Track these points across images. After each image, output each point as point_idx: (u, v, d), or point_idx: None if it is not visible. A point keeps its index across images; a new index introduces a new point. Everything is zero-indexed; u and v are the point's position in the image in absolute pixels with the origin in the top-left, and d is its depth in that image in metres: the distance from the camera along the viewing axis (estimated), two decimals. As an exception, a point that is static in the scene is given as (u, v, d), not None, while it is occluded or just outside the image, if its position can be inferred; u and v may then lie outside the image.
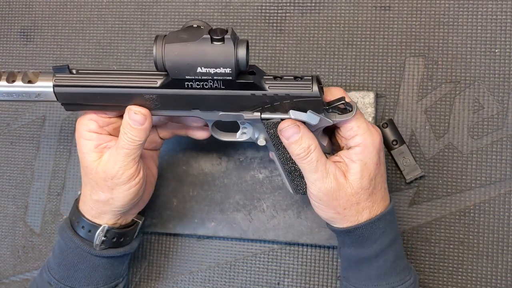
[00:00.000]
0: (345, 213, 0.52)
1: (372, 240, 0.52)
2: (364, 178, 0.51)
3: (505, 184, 0.62)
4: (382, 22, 0.65)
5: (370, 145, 0.51)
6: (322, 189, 0.51)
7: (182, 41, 0.47)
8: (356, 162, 0.51)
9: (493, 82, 0.63)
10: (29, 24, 0.76)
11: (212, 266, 0.68)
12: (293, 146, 0.51)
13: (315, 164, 0.51)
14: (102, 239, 0.56)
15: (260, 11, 0.69)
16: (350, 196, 0.51)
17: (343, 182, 0.51)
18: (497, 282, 0.61)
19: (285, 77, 0.51)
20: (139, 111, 0.52)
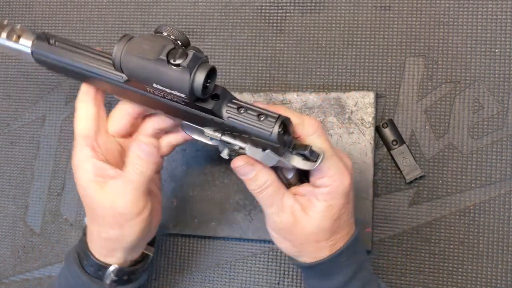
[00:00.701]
0: (302, 248, 0.49)
1: (335, 273, 0.50)
2: (326, 219, 0.48)
3: (505, 184, 0.62)
4: (382, 22, 0.65)
5: (339, 187, 0.48)
6: (277, 222, 0.49)
7: (140, 54, 0.45)
8: (321, 202, 0.48)
9: (493, 82, 0.63)
10: (29, 24, 0.76)
11: (212, 266, 0.68)
12: (248, 182, 0.49)
13: (270, 199, 0.49)
14: (113, 279, 0.52)
15: (260, 11, 0.69)
16: (308, 234, 0.48)
17: (300, 218, 0.48)
18: (497, 282, 0.61)
19: (250, 112, 0.46)
20: (150, 142, 0.50)
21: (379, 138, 0.64)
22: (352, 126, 0.63)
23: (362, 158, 0.63)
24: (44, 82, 0.75)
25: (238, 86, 0.69)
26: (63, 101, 0.74)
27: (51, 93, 0.74)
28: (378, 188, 0.64)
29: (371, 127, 0.63)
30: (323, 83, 0.66)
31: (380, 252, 0.64)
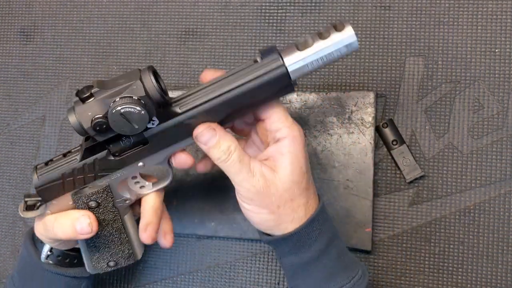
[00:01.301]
0: (279, 212, 0.49)
1: (310, 242, 0.50)
2: (296, 171, 0.49)
3: (505, 184, 0.62)
4: (382, 22, 0.65)
5: (298, 136, 0.49)
6: (250, 189, 0.48)
7: None
8: (286, 155, 0.48)
9: (493, 82, 0.63)
10: (29, 24, 0.76)
11: (212, 266, 0.68)
12: (212, 151, 0.49)
13: (238, 165, 0.48)
14: (48, 254, 0.55)
15: (260, 11, 0.69)
16: (282, 192, 0.48)
17: (272, 178, 0.48)
18: (497, 282, 0.61)
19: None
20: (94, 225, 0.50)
21: (379, 138, 0.64)
22: (352, 126, 0.63)
23: (362, 158, 0.63)
24: (44, 82, 0.75)
25: (238, 86, 0.69)
26: (63, 101, 0.74)
27: (51, 93, 0.74)
28: (378, 188, 0.64)
29: (371, 127, 0.63)
30: (323, 83, 0.66)
31: (380, 252, 0.64)
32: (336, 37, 0.46)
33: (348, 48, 0.46)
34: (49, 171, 0.50)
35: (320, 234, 0.50)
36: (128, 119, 0.45)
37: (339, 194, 0.63)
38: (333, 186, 0.63)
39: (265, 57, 0.47)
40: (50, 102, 0.74)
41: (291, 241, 0.50)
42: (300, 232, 0.50)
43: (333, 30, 0.46)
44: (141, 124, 0.46)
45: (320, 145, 0.64)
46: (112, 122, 0.45)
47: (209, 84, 0.48)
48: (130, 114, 0.44)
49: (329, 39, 0.46)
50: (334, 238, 0.52)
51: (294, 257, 0.51)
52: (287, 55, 0.47)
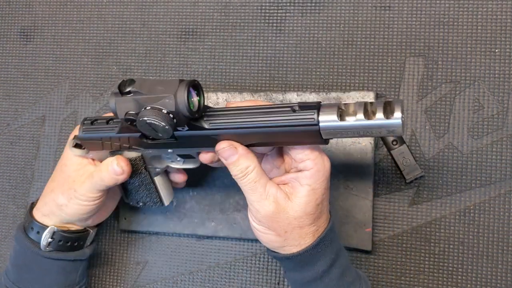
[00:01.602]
0: (286, 236, 0.50)
1: (313, 262, 0.51)
2: (311, 203, 0.49)
3: (505, 184, 0.62)
4: (382, 22, 0.65)
5: (321, 170, 0.49)
6: (260, 210, 0.49)
7: None
8: (304, 187, 0.49)
9: (493, 82, 0.63)
10: (29, 24, 0.76)
11: (212, 266, 0.68)
12: (230, 167, 0.50)
13: (253, 185, 0.49)
14: (49, 241, 0.58)
15: (260, 11, 0.69)
16: (292, 219, 0.49)
17: (284, 205, 0.49)
18: (497, 282, 0.61)
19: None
20: (121, 166, 0.55)
21: (379, 138, 0.64)
22: (352, 126, 0.63)
23: (362, 158, 0.63)
24: (44, 82, 0.75)
25: (238, 86, 0.69)
26: (63, 101, 0.74)
27: (51, 93, 0.74)
28: (378, 188, 0.64)
29: (371, 127, 0.63)
30: (323, 83, 0.66)
31: (380, 252, 0.64)
32: (380, 121, 0.43)
33: (390, 133, 0.44)
34: (91, 131, 0.56)
35: (324, 255, 0.51)
36: (154, 128, 0.48)
37: (339, 194, 0.63)
38: (333, 186, 0.63)
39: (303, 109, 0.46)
40: (50, 102, 0.74)
41: (295, 260, 0.51)
42: (303, 254, 0.50)
43: (381, 109, 0.43)
44: (164, 134, 0.49)
45: (320, 145, 0.64)
46: (139, 126, 0.48)
47: (241, 110, 0.49)
48: (155, 126, 0.47)
49: (373, 120, 0.44)
50: (337, 258, 0.52)
51: (298, 274, 0.52)
52: (324, 116, 0.45)
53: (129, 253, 0.70)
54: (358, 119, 0.44)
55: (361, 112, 0.44)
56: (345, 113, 0.45)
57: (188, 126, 0.50)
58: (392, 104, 0.43)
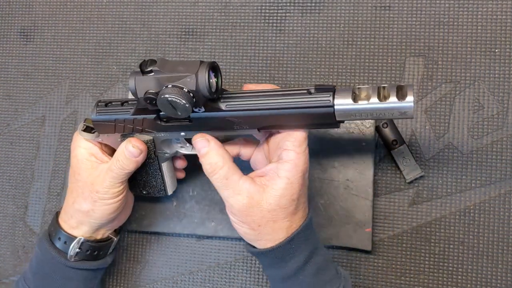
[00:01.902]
0: (260, 230, 0.51)
1: (287, 259, 0.51)
2: (286, 197, 0.50)
3: (505, 184, 0.62)
4: (382, 22, 0.65)
5: (300, 165, 0.50)
6: (234, 205, 0.51)
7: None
8: (282, 179, 0.50)
9: (493, 82, 0.63)
10: (29, 24, 0.76)
11: (212, 266, 0.68)
12: (202, 161, 0.52)
13: (224, 182, 0.50)
14: (77, 251, 0.58)
15: (260, 11, 0.69)
16: (265, 212, 0.50)
17: (258, 199, 0.50)
18: (497, 282, 0.61)
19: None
20: (137, 146, 0.55)
21: (379, 138, 0.64)
22: (352, 126, 0.63)
23: (362, 158, 0.63)
24: (44, 82, 0.75)
25: (238, 86, 0.69)
26: (63, 101, 0.74)
27: (51, 93, 0.74)
28: (378, 188, 0.64)
29: (371, 127, 0.63)
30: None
31: (380, 252, 0.64)
32: (393, 103, 0.46)
33: (402, 115, 0.46)
34: (106, 113, 0.56)
35: (298, 252, 0.51)
36: (174, 106, 0.49)
37: (339, 194, 0.63)
38: (333, 186, 0.63)
39: (319, 92, 0.48)
40: (50, 102, 0.74)
41: (269, 256, 0.52)
42: (276, 250, 0.51)
43: (394, 92, 0.46)
44: (184, 113, 0.49)
45: (320, 145, 0.64)
46: (160, 103, 0.49)
47: (258, 93, 0.50)
48: (175, 103, 0.48)
49: (386, 103, 0.46)
50: (313, 255, 0.52)
51: (274, 271, 0.53)
52: (339, 98, 0.47)
53: (129, 253, 0.70)
54: (372, 102, 0.46)
55: (375, 95, 0.46)
56: (358, 96, 0.47)
57: (205, 107, 0.51)
58: (404, 88, 0.46)
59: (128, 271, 0.70)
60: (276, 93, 0.50)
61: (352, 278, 0.64)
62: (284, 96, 0.49)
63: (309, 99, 0.48)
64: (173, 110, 0.49)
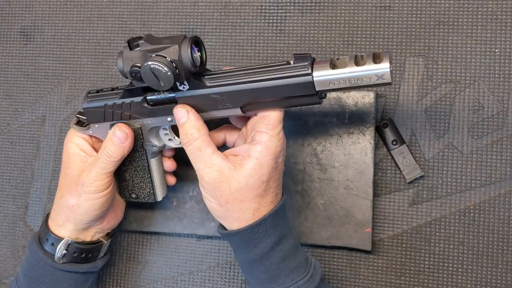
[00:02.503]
0: (227, 207, 0.52)
1: (254, 244, 0.52)
2: (254, 177, 0.50)
3: (505, 184, 0.62)
4: (382, 22, 0.65)
5: (272, 147, 0.51)
6: (204, 177, 0.52)
7: None
8: (252, 159, 0.51)
9: (493, 82, 0.63)
10: (29, 24, 0.76)
11: (212, 266, 0.68)
12: (180, 130, 0.53)
13: (198, 153, 0.52)
14: (64, 253, 0.58)
15: (260, 11, 0.69)
16: (234, 190, 0.51)
17: (228, 175, 0.51)
18: (497, 282, 0.61)
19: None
20: (124, 130, 0.56)
21: (379, 138, 0.64)
22: (352, 126, 0.63)
23: (362, 158, 0.63)
24: (44, 82, 0.75)
25: (238, 86, 0.69)
26: (63, 101, 0.74)
27: (51, 93, 0.74)
28: (378, 188, 0.64)
29: (371, 127, 0.63)
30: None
31: (380, 252, 0.64)
32: (370, 67, 0.47)
33: (379, 80, 0.47)
34: (96, 99, 0.57)
35: (265, 237, 0.52)
36: (157, 75, 0.49)
37: (339, 194, 0.63)
38: (333, 186, 0.63)
39: (297, 62, 0.49)
40: (50, 102, 0.74)
41: (236, 238, 0.53)
42: (243, 232, 0.52)
43: (370, 59, 0.47)
44: (166, 83, 0.50)
45: (320, 145, 0.64)
46: (143, 73, 0.50)
47: (240, 69, 0.52)
48: (158, 72, 0.49)
49: (362, 67, 0.47)
50: (280, 243, 0.53)
51: (241, 255, 0.54)
52: (317, 68, 0.49)
53: (129, 253, 0.70)
54: (349, 68, 0.47)
55: (351, 62, 0.47)
56: (336, 64, 0.48)
57: (190, 84, 0.52)
58: (380, 54, 0.47)
59: (128, 271, 0.70)
60: (258, 68, 0.51)
61: (352, 278, 0.64)
62: (265, 69, 0.50)
63: (288, 69, 0.49)
64: (156, 80, 0.50)
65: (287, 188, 0.64)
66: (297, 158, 0.64)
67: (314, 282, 0.53)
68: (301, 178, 0.64)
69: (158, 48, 0.50)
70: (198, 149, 0.52)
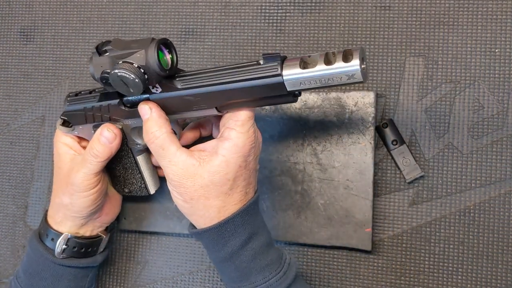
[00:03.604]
0: (192, 203, 0.51)
1: (222, 242, 0.52)
2: (220, 173, 0.50)
3: (505, 184, 0.62)
4: (382, 22, 0.65)
5: (239, 145, 0.50)
6: (169, 174, 0.51)
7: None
8: (219, 156, 0.50)
9: (493, 82, 0.63)
10: (29, 24, 0.76)
11: (212, 266, 0.68)
12: (143, 126, 0.52)
13: (161, 151, 0.51)
14: (63, 248, 0.58)
15: (260, 11, 0.69)
16: (198, 187, 0.50)
17: (193, 171, 0.50)
18: (497, 282, 0.61)
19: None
20: (112, 130, 0.56)
21: (379, 138, 0.64)
22: (352, 126, 0.63)
23: (362, 158, 0.63)
24: (44, 82, 0.75)
25: (238, 86, 0.69)
26: (63, 101, 0.74)
27: (51, 93, 0.74)
28: (378, 188, 0.64)
29: (371, 127, 0.63)
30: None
31: (380, 252, 0.64)
32: (339, 66, 0.45)
33: (351, 80, 0.45)
34: (76, 102, 0.58)
35: (233, 237, 0.51)
36: (125, 82, 0.49)
37: (339, 194, 0.63)
38: (333, 186, 0.63)
39: (266, 62, 0.48)
40: (50, 102, 0.74)
41: (204, 238, 0.53)
42: (209, 231, 0.52)
43: (340, 57, 0.45)
44: (136, 89, 0.49)
45: (320, 145, 0.64)
46: (112, 81, 0.49)
47: (212, 70, 0.51)
48: (126, 79, 0.49)
49: (332, 66, 0.45)
50: (250, 241, 0.52)
51: (211, 253, 0.54)
52: (287, 67, 0.47)
53: (129, 253, 0.70)
54: (318, 67, 0.45)
55: (322, 60, 0.45)
56: (307, 64, 0.46)
57: (162, 87, 0.51)
58: (351, 51, 0.45)
59: (128, 271, 0.70)
60: (229, 68, 0.50)
61: (352, 278, 0.64)
62: (236, 69, 0.49)
63: (258, 70, 0.48)
64: (125, 87, 0.49)
65: (287, 188, 0.64)
66: (297, 158, 0.64)
67: (287, 279, 0.52)
68: (301, 178, 0.64)
69: (125, 54, 0.49)
70: (161, 147, 0.51)
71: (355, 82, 0.46)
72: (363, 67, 0.45)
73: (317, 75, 0.46)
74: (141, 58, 0.48)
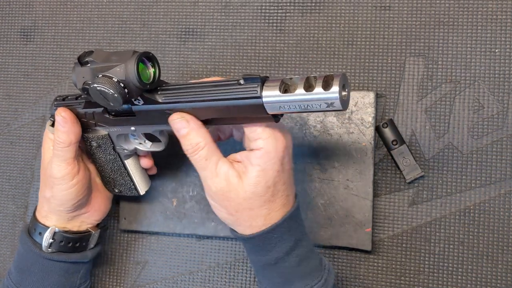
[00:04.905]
0: (237, 215, 0.50)
1: (268, 248, 0.51)
2: (260, 184, 0.49)
3: (505, 184, 0.62)
4: (382, 22, 0.65)
5: (272, 151, 0.48)
6: (211, 187, 0.50)
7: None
8: (254, 166, 0.49)
9: (493, 82, 0.63)
10: (29, 24, 0.76)
11: (212, 266, 0.68)
12: (182, 141, 0.51)
13: (204, 162, 0.50)
14: (50, 241, 0.58)
15: (260, 11, 0.69)
16: (241, 200, 0.49)
17: (235, 184, 0.49)
18: (497, 282, 0.61)
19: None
20: (60, 113, 0.56)
21: (379, 138, 0.64)
22: (352, 126, 0.63)
23: (362, 158, 0.63)
24: (44, 82, 0.75)
25: (238, 86, 0.69)
26: (63, 101, 0.74)
27: (51, 93, 0.74)
28: (378, 188, 0.64)
29: (371, 127, 0.63)
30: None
31: (380, 252, 0.64)
32: (318, 92, 0.43)
33: (330, 107, 0.43)
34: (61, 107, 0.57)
35: (280, 242, 0.51)
36: (104, 96, 0.49)
37: (339, 194, 0.63)
38: (333, 186, 0.63)
39: (246, 83, 0.46)
40: (50, 102, 0.74)
41: (251, 242, 0.52)
42: (256, 239, 0.51)
43: (319, 84, 0.43)
44: (115, 103, 0.49)
45: (320, 145, 0.64)
46: (92, 94, 0.49)
47: (193, 86, 0.49)
48: (105, 94, 0.48)
49: (311, 92, 0.43)
50: (296, 247, 0.52)
51: (255, 257, 0.53)
52: (267, 89, 0.45)
53: (129, 253, 0.71)
54: (297, 93, 0.44)
55: (301, 86, 0.44)
56: (288, 87, 0.45)
57: (144, 99, 0.51)
58: (331, 78, 0.43)
59: (128, 271, 0.70)
60: (211, 85, 0.48)
61: (352, 278, 0.64)
62: (216, 87, 0.47)
63: (238, 90, 0.46)
64: (105, 100, 0.49)
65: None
66: (297, 158, 0.64)
67: (328, 286, 0.52)
68: (301, 178, 0.64)
69: (105, 67, 0.49)
70: (205, 158, 0.50)
71: (335, 110, 0.44)
72: (343, 94, 0.44)
73: (296, 100, 0.44)
74: (121, 72, 0.48)
